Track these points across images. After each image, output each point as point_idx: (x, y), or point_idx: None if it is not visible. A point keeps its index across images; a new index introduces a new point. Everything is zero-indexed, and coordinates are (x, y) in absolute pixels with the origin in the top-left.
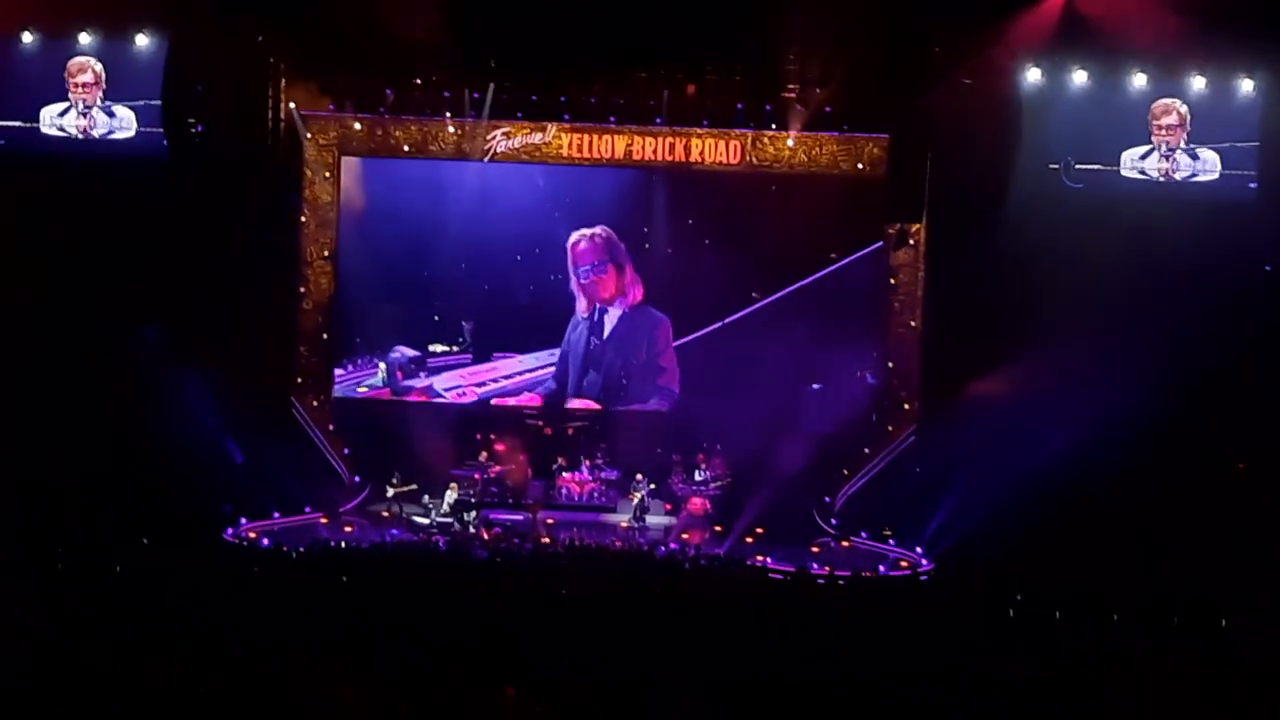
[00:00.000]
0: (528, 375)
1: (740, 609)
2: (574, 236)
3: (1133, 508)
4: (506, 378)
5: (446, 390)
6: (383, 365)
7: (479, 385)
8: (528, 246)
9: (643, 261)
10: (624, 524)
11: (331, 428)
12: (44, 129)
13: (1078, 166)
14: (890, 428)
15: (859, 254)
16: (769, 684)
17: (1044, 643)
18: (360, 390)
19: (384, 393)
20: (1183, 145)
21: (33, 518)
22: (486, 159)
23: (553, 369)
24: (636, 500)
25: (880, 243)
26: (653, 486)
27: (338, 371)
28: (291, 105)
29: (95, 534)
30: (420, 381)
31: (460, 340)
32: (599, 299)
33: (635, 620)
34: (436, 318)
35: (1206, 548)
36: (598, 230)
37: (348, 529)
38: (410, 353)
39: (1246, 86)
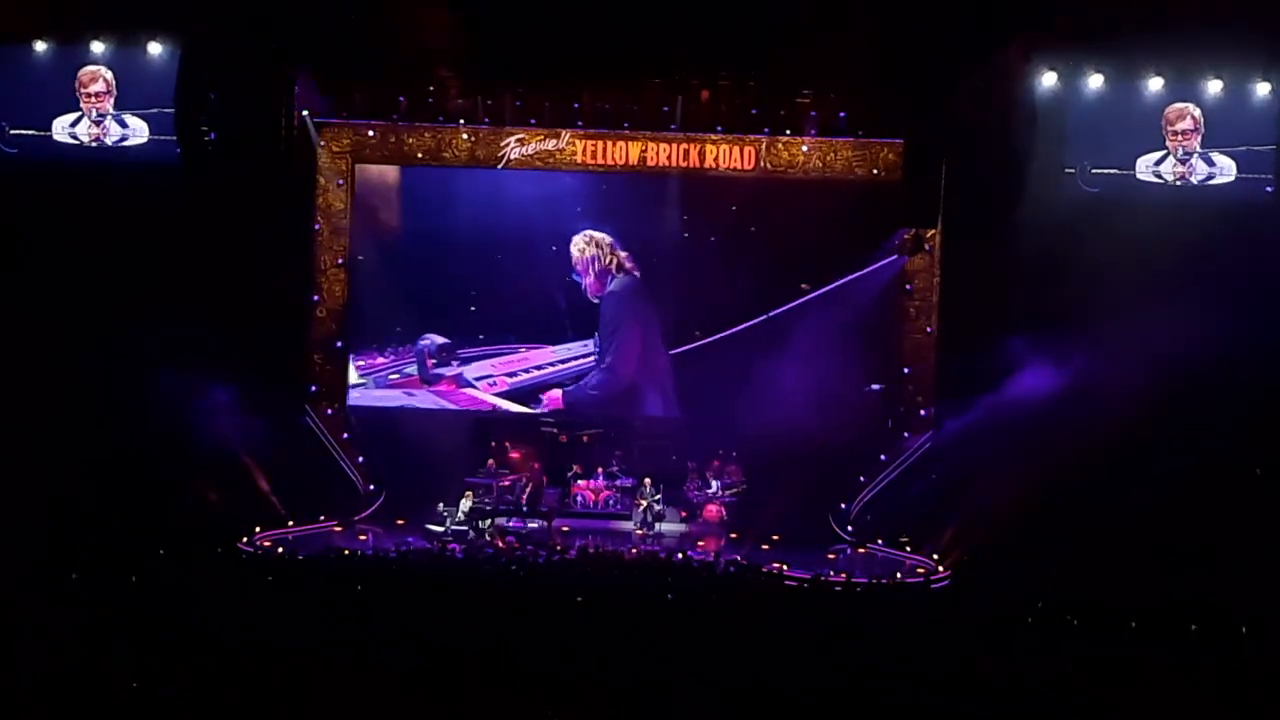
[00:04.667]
0: (561, 366)
1: (756, 615)
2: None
3: (1149, 513)
4: (538, 368)
5: (478, 380)
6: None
7: (510, 375)
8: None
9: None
10: (638, 531)
11: (346, 436)
12: (56, 137)
13: (1093, 171)
14: (906, 434)
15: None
16: (785, 690)
17: (1060, 649)
18: (391, 378)
19: (413, 381)
20: (1198, 149)
21: (48, 526)
22: (500, 166)
23: (585, 361)
24: (643, 506)
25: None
26: (657, 497)
27: (362, 363)
28: (304, 113)
29: (111, 543)
30: (451, 370)
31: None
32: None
33: (651, 626)
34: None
35: (1224, 554)
36: (577, 239)
37: (362, 537)
38: (440, 340)
39: (1263, 90)
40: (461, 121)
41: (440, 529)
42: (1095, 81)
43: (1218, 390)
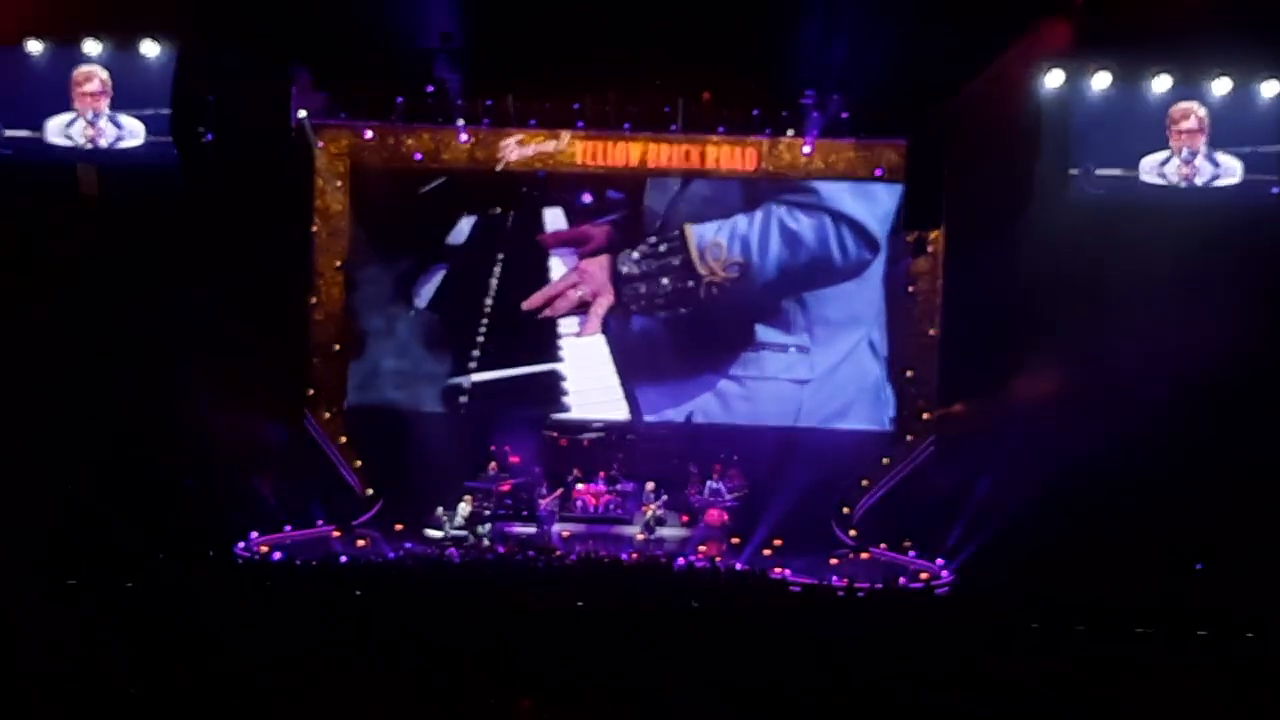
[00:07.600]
0: None
1: (759, 620)
2: None
3: (1154, 516)
4: None
5: None
6: None
7: None
8: None
9: None
10: (639, 536)
11: (344, 439)
12: (50, 139)
13: (1097, 172)
14: (909, 437)
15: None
16: (787, 694)
17: (1065, 654)
18: None
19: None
20: (1203, 150)
21: (49, 527)
22: (499, 168)
23: None
24: (650, 512)
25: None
26: (664, 498)
27: None
28: (302, 114)
29: (110, 545)
30: None
31: None
32: None
33: (651, 631)
34: None
35: (1228, 557)
36: None
37: (360, 542)
38: None
39: (1269, 90)
40: (461, 122)
41: (439, 534)
42: (1099, 82)
43: (1222, 391)
